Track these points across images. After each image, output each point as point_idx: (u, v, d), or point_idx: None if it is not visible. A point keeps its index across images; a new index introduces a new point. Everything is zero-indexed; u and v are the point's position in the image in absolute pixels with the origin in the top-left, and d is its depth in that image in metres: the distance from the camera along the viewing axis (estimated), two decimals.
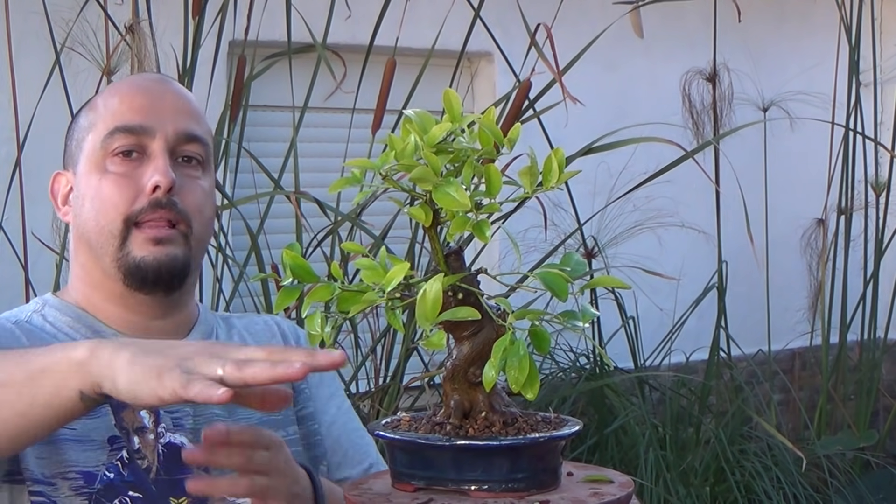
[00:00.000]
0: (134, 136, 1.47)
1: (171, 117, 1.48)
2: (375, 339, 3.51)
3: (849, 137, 4.70)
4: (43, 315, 1.50)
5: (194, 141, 1.49)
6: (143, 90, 1.51)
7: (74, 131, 1.54)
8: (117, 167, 1.47)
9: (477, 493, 1.13)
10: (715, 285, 4.51)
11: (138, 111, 1.48)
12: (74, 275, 1.53)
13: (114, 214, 1.45)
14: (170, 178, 1.44)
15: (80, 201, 1.49)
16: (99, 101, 1.53)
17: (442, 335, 1.13)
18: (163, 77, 1.57)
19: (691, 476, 4.20)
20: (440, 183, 1.09)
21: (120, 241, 1.45)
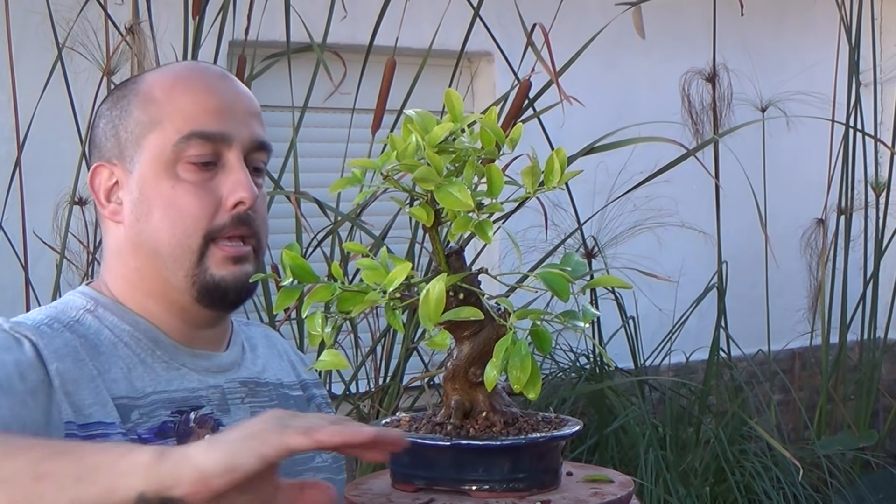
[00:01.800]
0: (211, 143, 1.38)
1: (246, 122, 1.41)
2: (375, 339, 3.51)
3: (849, 137, 4.70)
4: (97, 316, 1.41)
5: (264, 149, 1.44)
6: (215, 90, 1.41)
7: (124, 121, 1.41)
8: (192, 176, 1.38)
9: (478, 494, 1.13)
10: (715, 285, 4.51)
11: (214, 115, 1.39)
12: (120, 276, 1.43)
13: (193, 229, 1.37)
14: (253, 194, 1.39)
15: (145, 207, 1.39)
16: (157, 91, 1.40)
17: (445, 335, 1.13)
18: (224, 73, 1.47)
19: (691, 476, 4.20)
20: (443, 183, 1.09)
21: (198, 257, 1.38)
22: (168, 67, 1.50)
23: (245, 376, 1.49)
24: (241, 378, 1.49)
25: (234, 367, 1.49)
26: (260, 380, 1.51)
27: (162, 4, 3.30)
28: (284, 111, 3.84)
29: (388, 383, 3.51)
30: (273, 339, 1.62)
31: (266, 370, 1.54)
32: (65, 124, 3.31)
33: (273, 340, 1.61)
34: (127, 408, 1.35)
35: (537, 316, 1.11)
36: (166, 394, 1.38)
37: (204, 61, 1.63)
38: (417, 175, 1.09)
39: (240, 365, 1.50)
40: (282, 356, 1.60)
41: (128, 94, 1.43)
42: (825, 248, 5.00)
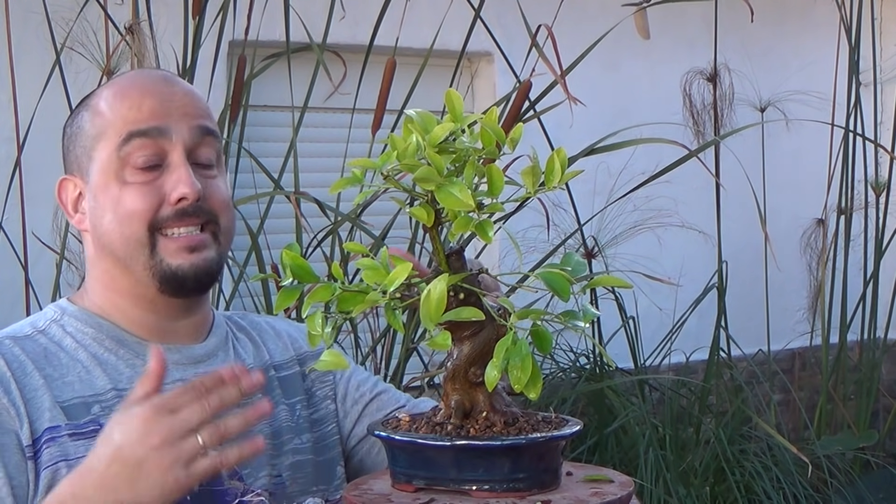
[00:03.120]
0: (150, 139, 1.44)
1: (184, 116, 1.46)
2: (375, 339, 3.51)
3: (849, 137, 4.70)
4: (62, 325, 1.48)
5: (209, 135, 1.48)
6: (151, 91, 1.47)
7: (78, 136, 1.49)
8: (137, 177, 1.44)
9: (478, 494, 1.13)
10: (715, 285, 4.51)
11: (151, 114, 1.45)
12: (96, 279, 1.51)
13: (137, 224, 1.44)
14: (196, 189, 1.43)
15: (98, 212, 1.47)
16: (102, 104, 1.48)
17: (447, 335, 1.13)
18: (165, 74, 1.55)
19: (691, 476, 4.20)
20: (443, 183, 1.09)
21: (149, 250, 1.44)
22: (115, 79, 1.57)
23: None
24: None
25: (209, 358, 1.51)
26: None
27: (162, 4, 3.30)
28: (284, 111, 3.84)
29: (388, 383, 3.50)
30: (267, 322, 1.65)
31: (247, 361, 1.56)
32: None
33: (267, 324, 1.65)
34: (86, 405, 1.41)
35: (538, 316, 1.11)
36: (128, 389, 1.40)
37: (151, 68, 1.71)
38: (418, 175, 1.09)
39: (216, 357, 1.52)
40: (279, 335, 1.63)
41: (81, 111, 1.51)
42: (825, 248, 5.00)
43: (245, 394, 1.23)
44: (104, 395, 1.43)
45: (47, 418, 1.38)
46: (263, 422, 1.50)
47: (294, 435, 1.55)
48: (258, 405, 1.24)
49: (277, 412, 1.54)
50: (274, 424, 1.52)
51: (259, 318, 1.66)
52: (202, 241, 1.45)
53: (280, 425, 1.53)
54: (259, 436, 1.27)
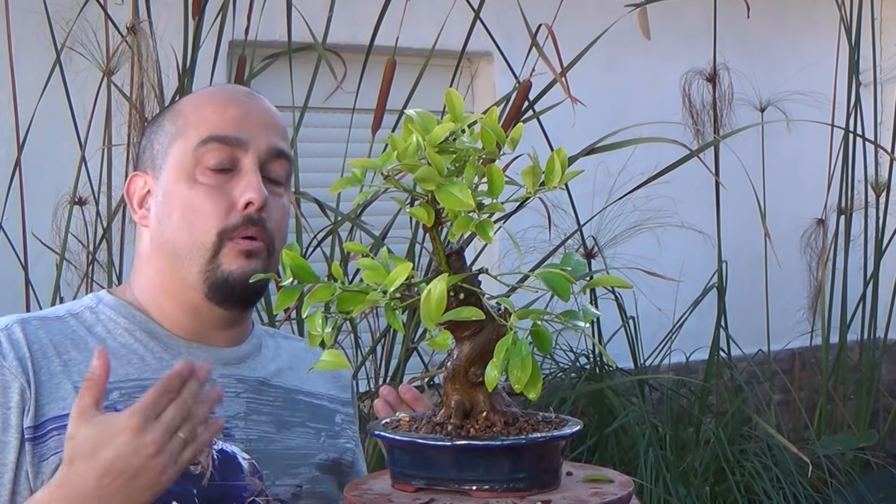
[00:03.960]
0: (227, 147, 1.46)
1: (263, 131, 1.49)
2: (375, 339, 3.51)
3: (849, 138, 4.70)
4: (96, 313, 1.50)
5: (282, 157, 1.50)
6: (236, 102, 1.51)
7: (158, 134, 1.51)
8: (209, 179, 1.46)
9: (478, 494, 1.13)
10: (715, 285, 4.51)
11: (232, 122, 1.48)
12: (145, 277, 1.52)
13: (207, 227, 1.45)
14: (263, 196, 1.45)
15: (166, 209, 1.48)
16: (187, 107, 1.51)
17: (447, 335, 1.13)
18: (251, 91, 1.58)
19: (691, 476, 4.20)
20: (444, 183, 1.09)
21: (212, 254, 1.45)
22: (203, 88, 1.65)
23: (247, 374, 1.53)
24: (242, 375, 1.52)
25: (238, 362, 1.53)
26: (269, 381, 1.55)
27: (162, 4, 3.30)
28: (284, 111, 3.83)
29: (388, 383, 3.51)
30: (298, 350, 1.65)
31: (282, 375, 1.57)
32: (65, 124, 3.31)
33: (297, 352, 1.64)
34: (105, 391, 1.40)
35: (538, 316, 1.11)
36: (151, 381, 1.40)
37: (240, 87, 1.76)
38: (418, 175, 1.09)
39: (245, 363, 1.54)
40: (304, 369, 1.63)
41: (165, 113, 1.54)
42: (825, 248, 5.00)
43: (203, 381, 1.28)
44: (125, 382, 1.44)
45: (59, 406, 1.39)
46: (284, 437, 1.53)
47: (318, 452, 1.57)
48: (211, 390, 1.29)
49: (300, 432, 1.56)
50: (296, 441, 1.55)
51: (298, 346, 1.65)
52: (257, 249, 1.46)
53: (302, 442, 1.55)
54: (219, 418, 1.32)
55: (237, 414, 1.50)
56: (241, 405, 1.51)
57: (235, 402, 1.50)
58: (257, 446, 1.49)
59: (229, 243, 1.45)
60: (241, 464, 1.47)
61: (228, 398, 1.49)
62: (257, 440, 1.50)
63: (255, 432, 1.51)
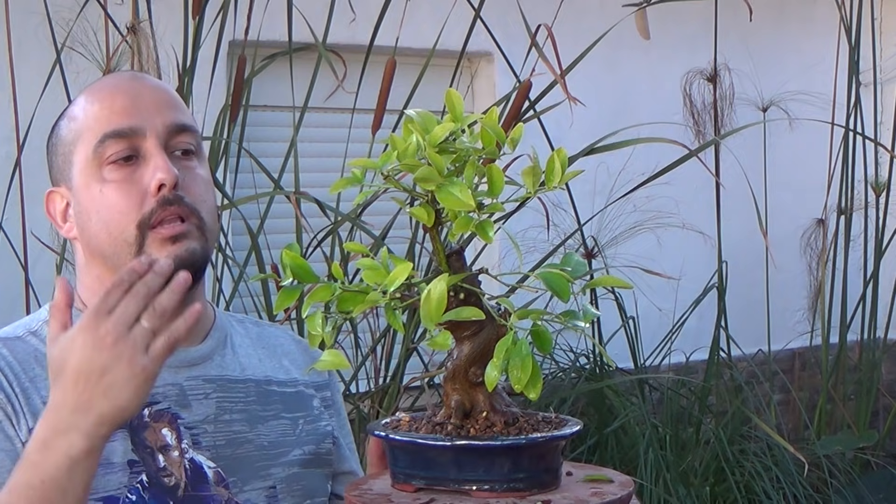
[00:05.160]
0: (125, 139, 1.43)
1: (157, 111, 1.45)
2: (375, 339, 3.51)
3: (849, 138, 4.71)
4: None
5: (184, 131, 1.46)
6: (121, 90, 1.48)
7: (58, 145, 1.49)
8: (116, 174, 1.43)
9: (478, 494, 1.13)
10: (715, 285, 4.51)
11: (123, 113, 1.44)
12: (87, 288, 1.49)
13: (125, 222, 1.42)
14: (173, 174, 1.42)
15: (84, 216, 1.46)
16: (76, 109, 1.49)
17: (447, 335, 1.12)
18: (134, 73, 1.57)
19: (691, 476, 4.20)
20: (444, 183, 1.09)
21: (137, 248, 1.42)
22: (89, 85, 1.56)
23: (214, 374, 1.51)
24: (209, 375, 1.50)
25: (204, 361, 1.51)
26: (234, 377, 1.53)
27: (162, 4, 3.30)
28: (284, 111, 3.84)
29: (388, 383, 3.51)
30: (268, 338, 1.63)
31: (248, 368, 1.55)
32: None
33: (269, 339, 1.63)
34: None
35: (538, 316, 1.11)
36: None
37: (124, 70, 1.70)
38: (419, 175, 1.09)
39: (211, 360, 1.52)
40: (276, 357, 1.61)
41: (59, 122, 1.52)
42: (825, 249, 5.00)
43: (161, 274, 1.26)
44: None
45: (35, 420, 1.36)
46: (258, 433, 1.51)
47: (293, 447, 1.54)
48: (178, 276, 1.26)
49: (275, 425, 1.54)
50: (270, 436, 1.52)
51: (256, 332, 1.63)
52: (184, 230, 1.42)
53: (277, 438, 1.53)
54: (195, 304, 1.30)
55: (206, 417, 1.47)
56: (210, 407, 1.48)
57: (204, 405, 1.48)
58: (224, 452, 1.47)
59: (151, 233, 1.42)
60: (207, 473, 1.45)
61: (197, 401, 1.47)
62: (225, 445, 1.48)
63: (224, 435, 1.48)
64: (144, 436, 1.43)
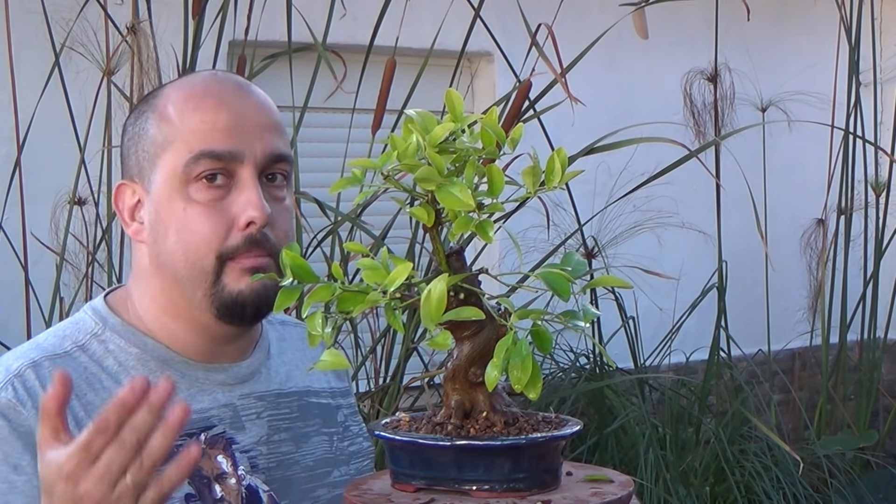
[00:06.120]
0: (221, 161, 1.36)
1: (259, 136, 1.38)
2: (375, 339, 3.51)
3: (849, 138, 4.71)
4: (104, 342, 1.41)
5: (282, 160, 1.40)
6: (227, 105, 1.39)
7: (141, 140, 1.40)
8: (203, 195, 1.36)
9: (478, 494, 1.13)
10: (715, 285, 4.51)
11: (225, 133, 1.36)
12: (149, 296, 1.42)
13: (205, 251, 1.36)
14: (265, 213, 1.35)
15: (160, 228, 1.38)
16: (171, 109, 1.39)
17: (447, 335, 1.12)
18: (239, 83, 1.45)
19: (691, 476, 4.20)
20: (444, 183, 1.09)
21: (214, 277, 1.37)
22: (185, 80, 1.47)
23: (263, 389, 1.47)
24: (259, 392, 1.47)
25: (253, 376, 1.47)
26: (282, 390, 1.50)
27: (162, 4, 3.30)
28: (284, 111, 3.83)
29: (388, 383, 3.51)
30: (301, 340, 1.56)
31: (291, 377, 1.52)
32: (65, 124, 3.31)
33: (301, 343, 1.56)
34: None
35: (538, 316, 1.11)
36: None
37: (223, 71, 1.57)
38: (419, 175, 1.09)
39: (260, 374, 1.48)
40: (310, 361, 1.53)
41: (146, 111, 1.42)
42: (825, 248, 5.00)
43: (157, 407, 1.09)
44: None
45: None
46: (303, 453, 1.47)
47: (333, 467, 1.51)
48: (174, 412, 1.09)
49: (317, 442, 1.51)
50: (314, 455, 1.49)
51: (297, 333, 1.58)
52: (266, 265, 1.36)
53: (320, 457, 1.50)
54: (195, 443, 1.15)
55: (260, 439, 1.44)
56: (262, 427, 1.45)
57: (257, 425, 1.44)
58: (276, 474, 1.44)
59: (231, 263, 1.36)
60: (262, 498, 1.42)
61: (250, 421, 1.44)
62: (276, 467, 1.45)
63: (276, 457, 1.45)
64: (200, 465, 1.37)
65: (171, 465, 1.10)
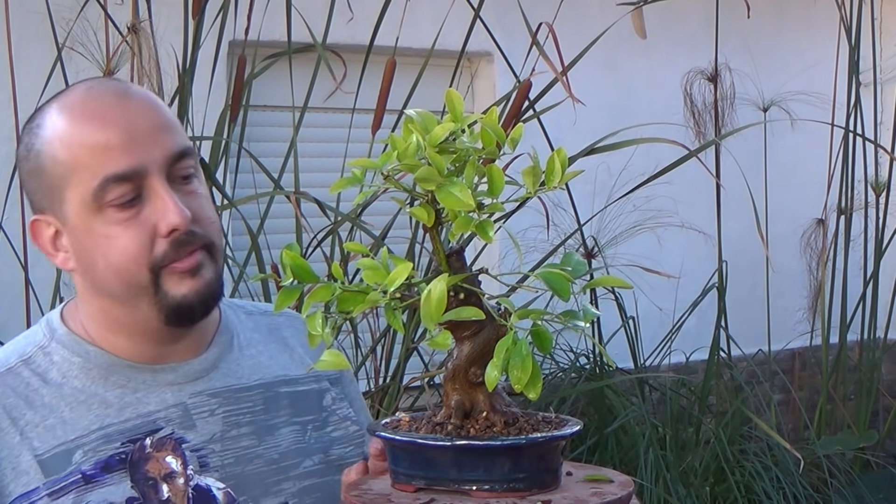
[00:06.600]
0: (128, 181, 1.33)
1: (154, 142, 1.35)
2: (375, 339, 3.51)
3: (848, 138, 4.71)
4: (49, 354, 1.42)
5: (184, 156, 1.38)
6: (113, 121, 1.34)
7: (42, 177, 1.38)
8: (119, 216, 1.34)
9: (479, 494, 1.13)
10: (715, 285, 4.52)
11: (120, 150, 1.33)
12: (91, 317, 1.43)
13: (136, 268, 1.35)
14: (185, 216, 1.34)
15: (86, 257, 1.37)
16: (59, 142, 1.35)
17: (447, 335, 1.12)
18: (118, 92, 1.39)
19: (691, 476, 4.20)
20: (444, 183, 1.09)
21: (154, 289, 1.36)
22: (62, 104, 1.39)
23: (220, 385, 1.46)
24: (214, 388, 1.45)
25: (208, 372, 1.46)
26: (244, 384, 1.48)
27: (162, 4, 3.30)
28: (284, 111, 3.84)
29: (388, 383, 3.51)
30: (280, 329, 1.57)
31: (259, 369, 1.50)
32: None
33: (279, 332, 1.57)
34: (67, 452, 1.35)
35: (538, 316, 1.11)
36: (115, 426, 1.37)
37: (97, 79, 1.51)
38: (419, 175, 1.09)
39: (217, 369, 1.47)
40: (289, 349, 1.56)
41: (35, 145, 1.39)
42: (825, 248, 5.00)
43: None
44: (87, 437, 1.37)
45: (23, 482, 1.33)
46: (267, 446, 1.46)
47: (305, 457, 1.49)
48: None
49: (285, 433, 1.49)
50: (280, 447, 1.48)
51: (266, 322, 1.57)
52: (199, 262, 1.37)
53: (288, 448, 1.48)
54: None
55: (213, 436, 1.42)
56: (216, 424, 1.43)
57: (210, 423, 1.43)
58: (233, 470, 1.43)
59: (165, 271, 1.35)
60: (216, 496, 1.41)
61: (202, 419, 1.42)
62: (234, 462, 1.43)
63: (233, 453, 1.43)
64: (146, 469, 1.38)
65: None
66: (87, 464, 1.35)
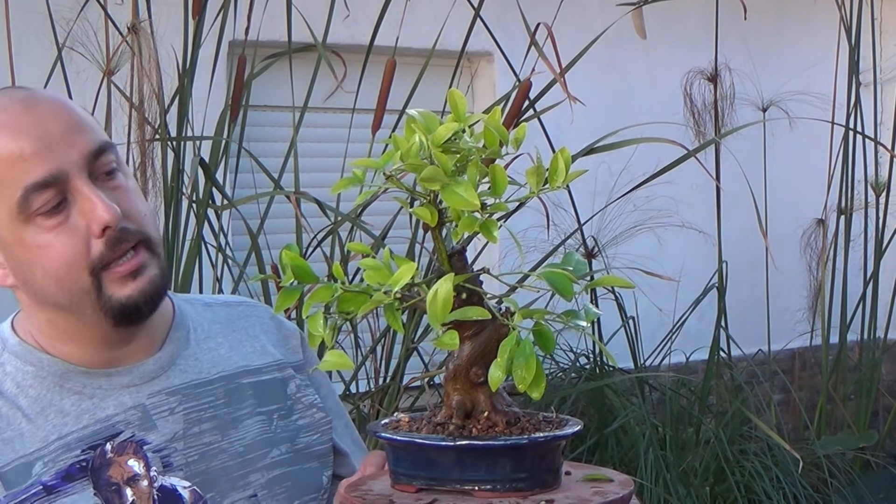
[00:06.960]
0: (50, 188, 1.31)
1: (70, 143, 1.33)
2: (375, 339, 3.51)
3: (849, 137, 4.71)
4: (2, 364, 1.40)
5: (103, 151, 1.35)
6: (24, 129, 1.32)
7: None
8: (49, 223, 1.32)
9: (480, 494, 1.13)
10: (715, 285, 4.52)
11: (36, 158, 1.31)
12: (37, 328, 1.41)
13: (76, 273, 1.33)
14: (114, 212, 1.32)
15: (24, 270, 1.35)
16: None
17: (454, 334, 1.12)
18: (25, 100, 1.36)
19: (691, 476, 4.20)
20: (449, 182, 1.08)
21: (97, 292, 1.34)
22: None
23: (178, 383, 1.44)
24: (173, 386, 1.44)
25: (164, 370, 1.44)
26: (203, 379, 1.47)
27: (162, 4, 3.30)
28: (284, 111, 3.84)
29: (388, 383, 3.51)
30: (240, 319, 1.56)
31: (219, 361, 1.49)
32: None
33: (240, 322, 1.56)
34: (27, 465, 1.35)
35: (541, 315, 1.11)
36: (74, 434, 1.36)
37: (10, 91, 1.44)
38: (424, 175, 1.08)
39: (174, 366, 1.45)
40: (251, 338, 1.54)
41: None
42: (825, 248, 5.00)
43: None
44: (47, 448, 1.36)
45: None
46: (231, 440, 1.45)
47: (272, 447, 1.48)
48: None
49: (249, 425, 1.47)
50: (245, 439, 1.46)
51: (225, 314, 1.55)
52: (141, 262, 1.35)
53: (253, 440, 1.47)
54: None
55: (175, 435, 1.41)
56: (177, 422, 1.42)
57: (171, 422, 1.41)
58: (198, 468, 1.41)
59: (106, 274, 1.34)
60: (182, 495, 1.39)
61: (162, 419, 1.41)
62: (199, 459, 1.42)
63: (196, 450, 1.42)
64: (108, 475, 1.37)
65: None
66: (47, 475, 1.34)
